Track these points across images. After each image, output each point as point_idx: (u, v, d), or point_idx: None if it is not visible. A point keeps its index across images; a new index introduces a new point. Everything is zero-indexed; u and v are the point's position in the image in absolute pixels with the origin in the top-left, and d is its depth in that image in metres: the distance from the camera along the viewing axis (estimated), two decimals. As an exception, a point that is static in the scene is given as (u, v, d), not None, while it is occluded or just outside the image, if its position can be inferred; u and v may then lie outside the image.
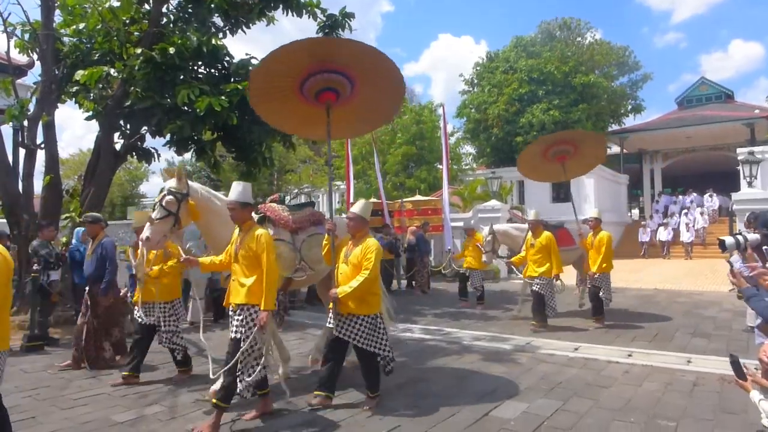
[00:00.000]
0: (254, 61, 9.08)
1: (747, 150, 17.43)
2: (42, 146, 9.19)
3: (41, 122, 8.94)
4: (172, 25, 9.34)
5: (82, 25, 9.10)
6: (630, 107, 29.10)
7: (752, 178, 16.82)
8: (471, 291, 10.46)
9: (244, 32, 9.99)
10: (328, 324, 4.70)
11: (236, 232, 4.40)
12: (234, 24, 9.74)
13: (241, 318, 4.14)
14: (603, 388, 5.06)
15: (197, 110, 7.92)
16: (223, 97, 7.91)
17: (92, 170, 9.54)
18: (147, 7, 9.51)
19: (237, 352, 4.05)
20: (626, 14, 69.45)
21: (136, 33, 9.24)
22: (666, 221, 22.31)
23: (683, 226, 21.11)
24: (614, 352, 6.44)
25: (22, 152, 9.21)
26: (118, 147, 9.52)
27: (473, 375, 5.61)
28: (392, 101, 5.62)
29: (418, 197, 17.13)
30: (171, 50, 8.07)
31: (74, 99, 9.16)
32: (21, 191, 9.11)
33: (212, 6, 9.19)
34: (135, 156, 9.92)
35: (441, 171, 15.25)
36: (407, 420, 4.30)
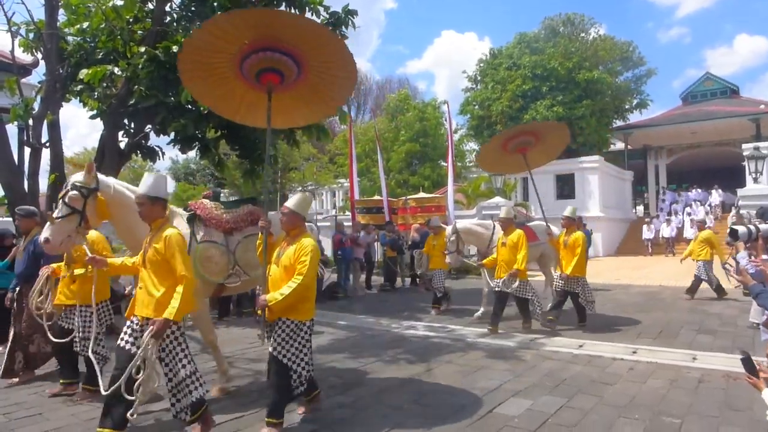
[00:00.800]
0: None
1: (752, 145, 17.36)
2: (47, 145, 9.21)
3: (46, 121, 8.97)
4: (176, 24, 9.35)
5: (86, 24, 9.12)
6: (634, 103, 29.01)
7: (758, 174, 16.76)
8: (449, 292, 9.91)
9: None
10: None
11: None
12: (237, 22, 9.74)
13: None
14: (607, 385, 5.06)
15: (201, 108, 7.94)
16: (227, 95, 7.92)
17: (97, 168, 9.58)
18: (150, 6, 9.52)
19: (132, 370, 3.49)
20: (630, 9, 69.18)
21: (140, 32, 9.25)
22: (669, 218, 22.25)
23: (688, 223, 21.03)
24: (619, 349, 6.42)
25: (28, 151, 9.23)
26: (123, 145, 9.55)
27: (477, 372, 5.61)
28: (343, 89, 5.05)
29: (422, 194, 17.14)
30: (175, 49, 8.07)
31: (78, 98, 9.19)
32: (27, 190, 9.15)
33: (215, 4, 9.18)
34: (139, 154, 9.95)
35: (444, 168, 15.29)
36: (411, 416, 4.31)
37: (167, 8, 9.39)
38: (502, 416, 4.29)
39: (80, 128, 67.51)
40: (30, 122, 9.11)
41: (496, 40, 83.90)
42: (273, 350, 3.90)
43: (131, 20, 9.23)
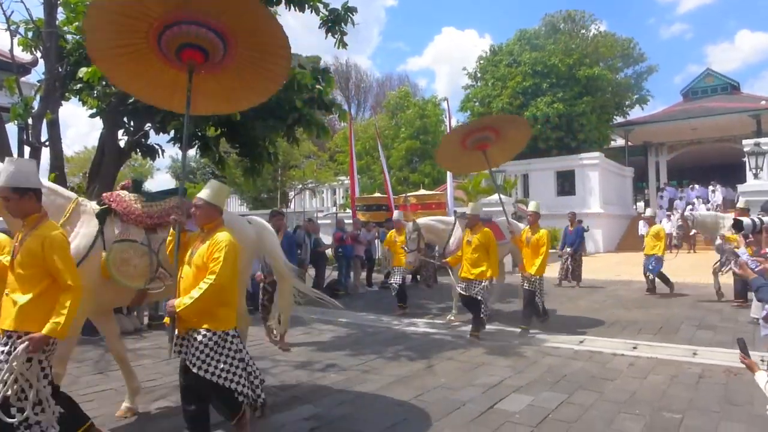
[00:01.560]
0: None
1: (753, 141, 17.35)
2: (47, 144, 9.21)
3: (45, 120, 8.96)
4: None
5: (85, 23, 9.14)
6: (635, 99, 28.97)
7: (758, 170, 16.75)
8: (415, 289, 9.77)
9: (247, 28, 9.98)
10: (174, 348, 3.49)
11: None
12: (237, 19, 9.74)
13: (6, 350, 2.99)
14: (608, 381, 5.06)
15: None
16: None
17: (97, 167, 9.59)
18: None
19: None
20: (631, 5, 68.90)
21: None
22: (669, 214, 22.23)
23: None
24: (619, 345, 6.43)
25: (27, 150, 9.24)
26: (123, 144, 9.56)
27: (478, 368, 5.62)
28: (276, 75, 4.39)
29: (423, 191, 17.15)
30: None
31: (78, 96, 9.19)
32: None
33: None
34: (139, 153, 9.96)
35: (445, 165, 15.29)
36: (412, 413, 4.32)
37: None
38: (503, 412, 4.30)
39: (80, 127, 67.52)
40: (29, 121, 9.10)
41: (497, 37, 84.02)
42: (198, 369, 3.25)
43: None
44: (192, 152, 12.75)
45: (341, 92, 43.42)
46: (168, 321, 3.42)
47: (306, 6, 9.50)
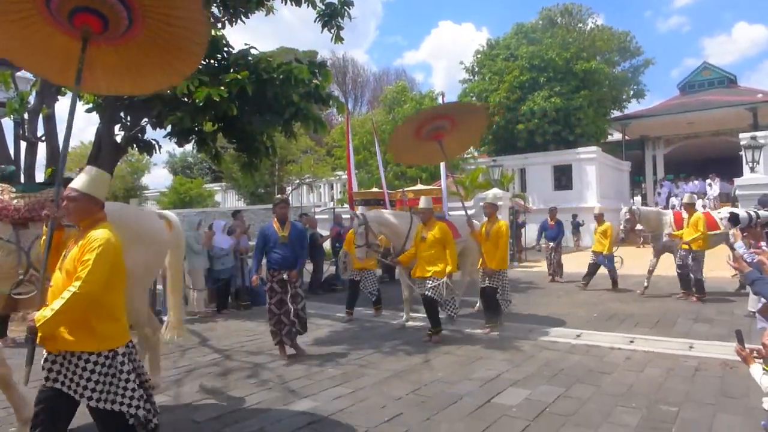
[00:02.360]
0: (254, 51, 9.05)
1: (749, 135, 17.36)
2: (43, 139, 9.19)
3: (42, 115, 8.93)
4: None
5: (81, 17, 9.08)
6: (632, 93, 28.98)
7: (755, 163, 16.78)
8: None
9: (243, 22, 9.93)
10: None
11: None
12: (233, 14, 9.68)
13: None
14: (605, 375, 5.09)
15: (197, 101, 7.91)
16: (222, 88, 7.90)
17: (94, 162, 9.55)
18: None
19: None
20: (628, -1, 68.77)
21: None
22: (666, 208, 22.28)
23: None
24: (616, 339, 6.46)
25: (24, 145, 9.21)
26: (119, 139, 9.52)
27: (476, 362, 5.64)
28: (191, 54, 3.83)
29: (420, 186, 17.12)
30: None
31: (74, 91, 9.16)
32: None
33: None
34: (136, 148, 9.92)
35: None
36: (409, 407, 4.33)
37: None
38: (501, 406, 4.32)
39: (77, 122, 67.05)
40: (26, 116, 9.08)
41: (494, 31, 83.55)
42: (82, 399, 2.69)
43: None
44: (189, 147, 12.71)
45: (338, 87, 43.26)
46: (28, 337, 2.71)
47: (302, 0, 9.46)
